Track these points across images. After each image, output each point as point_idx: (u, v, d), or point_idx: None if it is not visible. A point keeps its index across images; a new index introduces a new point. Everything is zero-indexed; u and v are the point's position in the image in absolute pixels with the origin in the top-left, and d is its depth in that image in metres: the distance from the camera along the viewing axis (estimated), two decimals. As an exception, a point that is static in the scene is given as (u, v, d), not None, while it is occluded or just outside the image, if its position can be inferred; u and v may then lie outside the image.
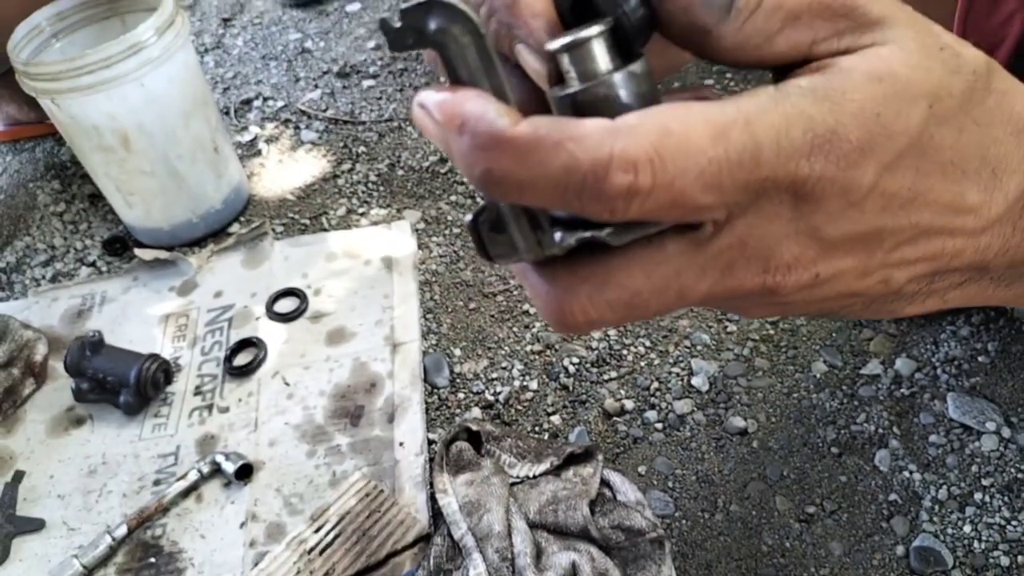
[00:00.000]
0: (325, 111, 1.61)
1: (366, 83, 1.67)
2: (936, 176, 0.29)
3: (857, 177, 0.28)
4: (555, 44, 0.29)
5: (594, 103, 0.29)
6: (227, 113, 1.65)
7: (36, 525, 0.96)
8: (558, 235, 0.29)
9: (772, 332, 1.09)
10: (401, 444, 0.99)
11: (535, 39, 0.30)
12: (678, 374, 1.05)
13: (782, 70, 0.29)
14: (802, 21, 0.28)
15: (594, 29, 0.29)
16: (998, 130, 0.30)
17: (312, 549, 0.88)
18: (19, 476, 1.01)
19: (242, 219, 1.39)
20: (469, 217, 0.30)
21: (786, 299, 0.31)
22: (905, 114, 0.28)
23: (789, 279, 0.29)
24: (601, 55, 0.29)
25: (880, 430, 0.96)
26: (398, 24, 0.27)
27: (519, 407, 1.04)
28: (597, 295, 0.29)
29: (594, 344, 1.10)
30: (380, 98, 1.62)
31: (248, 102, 1.68)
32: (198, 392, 1.09)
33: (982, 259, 0.32)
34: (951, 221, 0.30)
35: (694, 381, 1.04)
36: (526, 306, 1.17)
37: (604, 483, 0.91)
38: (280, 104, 1.66)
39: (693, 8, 0.28)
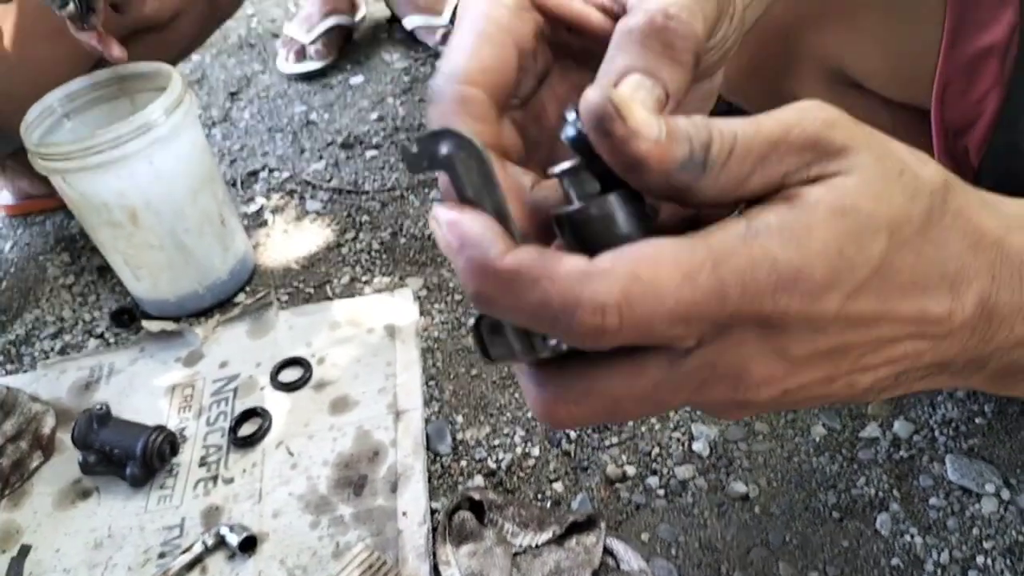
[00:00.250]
0: (329, 181, 1.65)
1: (369, 153, 1.71)
2: (897, 296, 0.31)
3: (821, 307, 0.30)
4: (558, 168, 0.33)
5: (588, 222, 0.32)
6: (234, 184, 1.69)
7: (41, 600, 0.97)
8: (551, 341, 0.32)
9: (771, 395, 1.10)
10: (404, 514, 0.99)
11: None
12: (679, 439, 1.06)
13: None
14: (771, 159, 0.31)
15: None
16: (955, 246, 0.32)
17: (316, 622, 0.88)
18: (25, 550, 1.02)
19: (248, 289, 1.41)
20: (472, 321, 0.33)
21: (757, 407, 0.33)
22: (867, 247, 0.30)
23: (759, 395, 0.32)
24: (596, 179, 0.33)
25: (880, 493, 0.97)
26: (415, 150, 0.32)
27: (521, 474, 1.05)
28: (583, 400, 0.32)
29: (595, 410, 1.11)
30: (383, 168, 1.66)
31: (254, 173, 1.72)
32: (203, 463, 1.10)
33: (942, 359, 0.34)
34: (912, 331, 0.32)
35: (695, 446, 1.05)
36: (527, 372, 1.18)
37: (607, 551, 0.91)
38: (286, 175, 1.70)
39: (671, 175, 0.31)
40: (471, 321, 0.33)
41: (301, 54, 2.02)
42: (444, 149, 0.31)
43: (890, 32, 0.81)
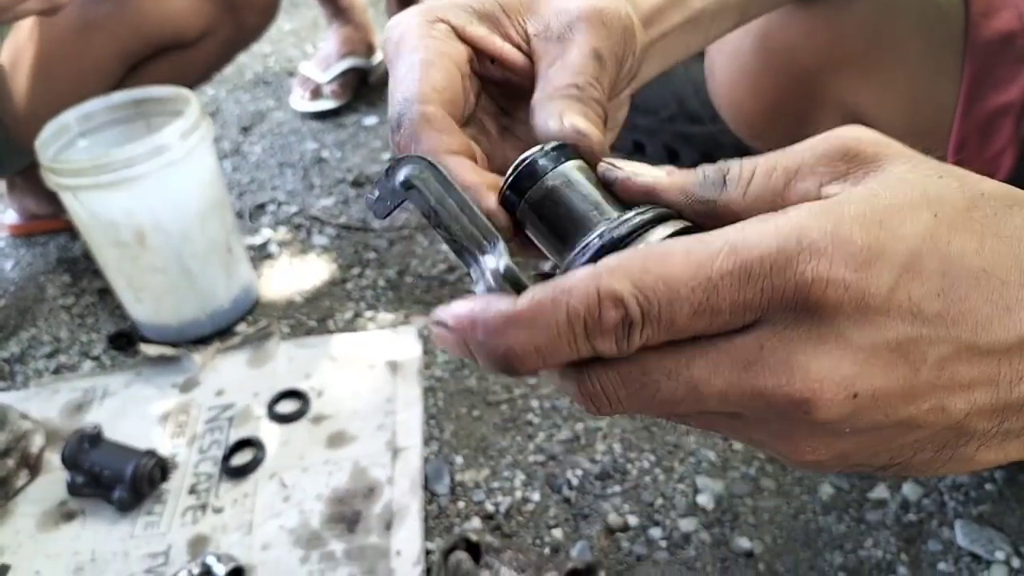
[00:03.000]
0: (338, 217, 1.64)
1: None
2: (969, 284, 0.28)
3: (872, 279, 0.27)
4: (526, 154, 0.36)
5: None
6: (241, 216, 1.68)
7: (16, 624, 0.93)
8: None
9: (777, 452, 1.08)
10: (398, 553, 0.96)
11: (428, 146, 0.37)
12: (683, 491, 1.04)
13: None
14: (803, 172, 0.31)
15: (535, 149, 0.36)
16: None
17: (301, 660, 0.85)
18: (4, 571, 0.99)
19: (249, 319, 1.39)
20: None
21: (831, 430, 0.29)
22: (910, 219, 0.28)
23: (822, 395, 0.27)
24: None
25: (888, 556, 0.94)
26: (377, 194, 0.34)
27: (520, 519, 1.02)
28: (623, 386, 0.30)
29: (598, 457, 1.08)
30: (392, 207, 1.66)
31: (262, 206, 1.72)
32: (193, 491, 1.07)
33: None
34: (1000, 337, 0.28)
35: (700, 499, 1.02)
36: (530, 415, 1.16)
37: (606, 601, 0.89)
38: (294, 209, 1.69)
39: (692, 190, 0.33)
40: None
41: (316, 93, 2.03)
42: (400, 175, 0.33)
43: (908, 84, 0.81)
